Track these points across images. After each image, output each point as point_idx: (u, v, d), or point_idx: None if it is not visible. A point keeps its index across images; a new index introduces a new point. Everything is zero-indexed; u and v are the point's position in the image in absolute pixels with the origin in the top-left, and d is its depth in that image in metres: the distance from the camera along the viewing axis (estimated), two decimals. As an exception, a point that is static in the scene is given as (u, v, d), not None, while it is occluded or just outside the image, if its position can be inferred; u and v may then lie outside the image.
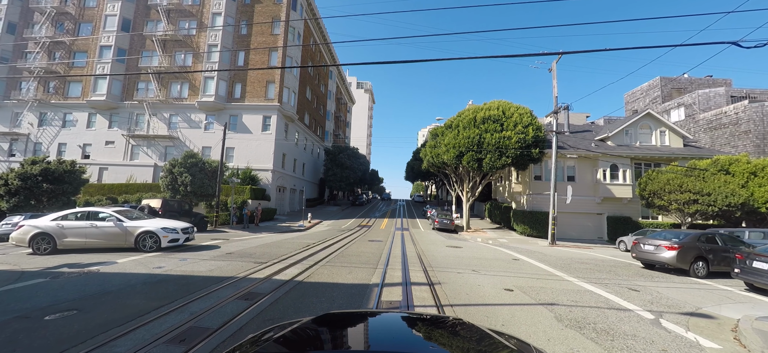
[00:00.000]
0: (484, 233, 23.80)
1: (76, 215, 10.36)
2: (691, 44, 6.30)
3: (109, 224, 10.30)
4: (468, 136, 21.40)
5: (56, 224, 9.98)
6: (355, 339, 1.64)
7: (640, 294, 7.17)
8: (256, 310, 4.89)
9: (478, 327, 1.74)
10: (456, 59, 6.75)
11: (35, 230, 9.74)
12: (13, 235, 10.02)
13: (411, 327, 1.82)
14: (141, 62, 31.93)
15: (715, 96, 29.01)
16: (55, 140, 32.15)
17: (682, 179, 19.40)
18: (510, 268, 9.53)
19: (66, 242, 9.96)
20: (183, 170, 20.42)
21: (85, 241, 10.10)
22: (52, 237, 9.82)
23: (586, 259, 12.54)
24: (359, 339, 1.63)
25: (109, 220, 10.35)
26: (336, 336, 1.65)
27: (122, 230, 10.32)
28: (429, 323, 1.96)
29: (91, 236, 10.17)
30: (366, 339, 1.57)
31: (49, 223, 9.95)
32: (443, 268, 8.99)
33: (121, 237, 10.32)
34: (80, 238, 10.07)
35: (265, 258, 9.31)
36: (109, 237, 10.28)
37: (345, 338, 1.64)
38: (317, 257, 9.82)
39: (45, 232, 9.78)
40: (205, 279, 6.68)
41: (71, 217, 10.26)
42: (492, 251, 13.47)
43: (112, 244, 10.33)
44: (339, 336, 1.67)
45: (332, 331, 1.69)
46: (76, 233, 10.07)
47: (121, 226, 10.34)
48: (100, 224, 10.24)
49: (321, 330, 1.67)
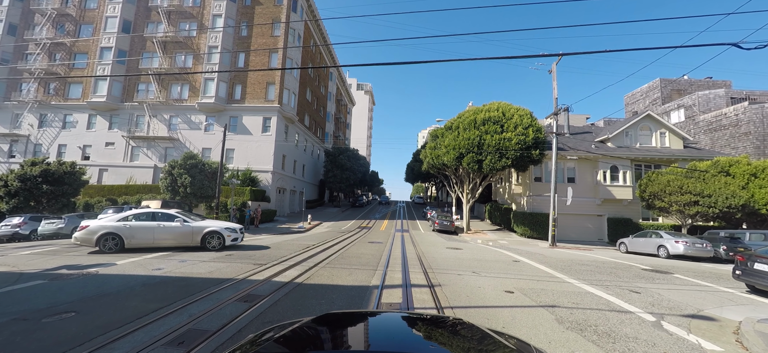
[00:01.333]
0: (484, 235, 23.76)
1: (140, 216, 10.63)
2: (691, 46, 6.29)
3: (177, 224, 10.73)
4: (468, 137, 21.39)
5: (124, 224, 10.26)
6: (355, 338, 1.64)
7: (641, 296, 7.14)
8: (255, 312, 4.86)
9: (477, 326, 1.74)
10: (456, 60, 6.75)
11: (104, 230, 10.00)
12: (78, 235, 10.12)
13: (411, 326, 1.82)
14: (141, 64, 31.97)
15: (715, 98, 29.03)
16: (55, 142, 32.15)
17: (683, 180, 19.38)
18: (510, 270, 9.50)
19: (134, 242, 10.26)
20: (183, 172, 20.40)
21: (153, 240, 10.45)
22: (120, 237, 10.10)
23: (587, 261, 12.50)
24: (359, 339, 1.63)
25: (176, 220, 10.78)
26: (336, 336, 1.64)
27: (189, 230, 10.79)
28: (429, 323, 1.96)
29: (159, 236, 10.55)
30: (366, 339, 1.57)
31: (117, 223, 10.23)
32: (443, 270, 8.96)
33: (188, 236, 10.79)
34: (148, 238, 10.42)
35: (265, 260, 9.28)
36: (176, 237, 10.70)
37: (345, 338, 1.64)
38: (317, 259, 9.79)
39: (113, 232, 10.05)
40: (205, 281, 6.65)
41: (132, 218, 10.52)
42: (492, 253, 13.43)
43: (179, 243, 10.74)
44: (339, 335, 1.66)
45: (332, 331, 1.69)
46: (145, 233, 10.42)
47: (187, 226, 10.80)
48: (169, 224, 10.63)
49: (321, 330, 1.67)
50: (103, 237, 10.01)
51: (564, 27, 7.03)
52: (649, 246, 16.75)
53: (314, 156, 42.99)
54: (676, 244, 15.41)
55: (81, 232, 10.10)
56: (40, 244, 13.13)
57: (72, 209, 24.54)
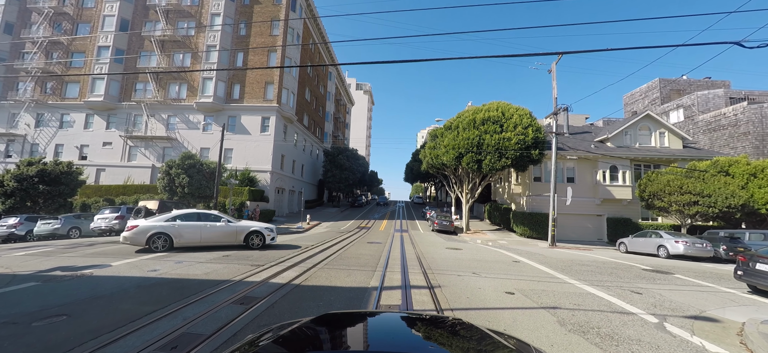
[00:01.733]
0: (483, 235, 23.69)
1: (186, 216, 11.00)
2: (692, 44, 6.22)
3: (222, 224, 11.29)
4: (467, 137, 21.32)
5: (172, 224, 10.60)
6: (355, 339, 1.63)
7: (643, 297, 7.07)
8: (251, 315, 4.76)
9: (477, 327, 1.74)
10: (455, 59, 6.66)
11: (154, 230, 10.30)
12: (127, 235, 10.24)
13: (410, 327, 1.81)
14: (139, 63, 31.80)
15: (714, 98, 29.04)
16: (52, 141, 31.94)
17: (683, 180, 19.35)
18: (510, 270, 9.42)
19: (182, 241, 10.63)
20: (180, 172, 20.26)
21: (200, 240, 10.92)
22: (169, 237, 10.44)
23: (587, 261, 12.44)
24: (358, 339, 1.63)
25: (222, 221, 11.35)
26: (335, 336, 1.64)
27: (233, 230, 11.38)
28: (428, 323, 1.95)
29: (206, 235, 11.05)
30: (365, 339, 1.57)
31: (166, 223, 10.56)
32: (443, 271, 8.87)
33: (232, 235, 11.38)
34: (196, 237, 10.86)
35: (262, 261, 9.18)
36: (221, 236, 11.25)
37: (344, 338, 1.64)
38: (316, 260, 9.69)
39: (163, 232, 10.37)
40: (200, 283, 6.55)
41: (178, 218, 10.88)
42: (492, 253, 13.35)
43: (223, 242, 11.30)
44: (338, 336, 1.66)
45: (331, 331, 1.68)
46: (192, 233, 10.86)
47: (231, 226, 11.38)
48: (215, 224, 11.19)
49: (320, 330, 1.67)
50: (153, 237, 10.31)
51: (563, 25, 6.87)
52: (648, 246, 16.70)
53: (313, 156, 42.86)
54: (676, 244, 15.37)
55: (130, 232, 10.26)
56: (35, 245, 12.99)
57: (69, 210, 24.36)
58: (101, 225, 16.96)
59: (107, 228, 16.98)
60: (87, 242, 12.97)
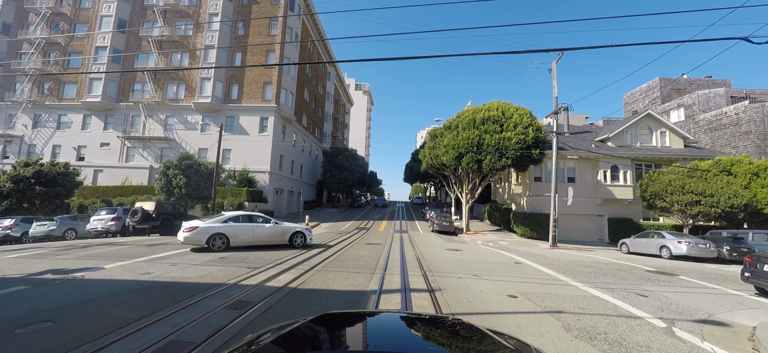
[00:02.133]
0: (484, 236, 23.51)
1: (238, 218, 11.80)
2: (698, 40, 6.05)
3: (271, 225, 12.24)
4: (467, 137, 21.14)
5: (229, 226, 11.34)
6: (354, 339, 1.63)
7: (649, 300, 6.89)
8: (244, 321, 4.57)
9: (477, 327, 1.73)
10: (455, 56, 6.48)
11: (213, 231, 10.99)
12: (187, 236, 10.71)
13: (410, 327, 1.81)
14: (137, 63, 31.61)
15: (715, 97, 28.89)
16: (49, 142, 31.73)
17: (684, 180, 19.18)
18: (512, 272, 9.24)
19: (237, 241, 11.36)
20: (178, 172, 20.07)
21: (252, 239, 11.72)
22: (227, 237, 11.15)
23: (589, 262, 12.26)
24: (357, 339, 1.62)
25: (270, 222, 12.31)
26: (334, 336, 1.63)
27: (280, 230, 12.32)
28: (428, 323, 1.95)
29: (257, 235, 11.88)
30: (364, 339, 1.57)
31: (223, 224, 11.28)
32: (443, 273, 8.69)
33: (279, 235, 12.29)
34: (249, 237, 11.65)
35: (259, 263, 8.99)
36: (270, 236, 12.12)
37: (343, 338, 1.63)
38: (313, 262, 9.51)
39: (222, 232, 11.07)
40: (194, 286, 6.36)
41: (231, 220, 11.57)
42: (493, 255, 13.17)
43: (272, 241, 12.16)
44: (337, 336, 1.65)
45: (330, 331, 1.67)
46: (245, 233, 11.64)
47: (278, 227, 12.33)
48: (266, 225, 12.12)
49: (319, 330, 1.66)
50: (213, 237, 10.96)
51: (564, 21, 6.76)
52: (651, 247, 16.52)
53: (312, 156, 42.68)
54: (679, 244, 15.19)
55: (190, 233, 10.73)
56: (28, 247, 12.79)
57: (66, 211, 24.16)
58: (97, 227, 16.76)
59: (103, 230, 16.78)
60: (81, 244, 12.77)
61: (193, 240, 10.73)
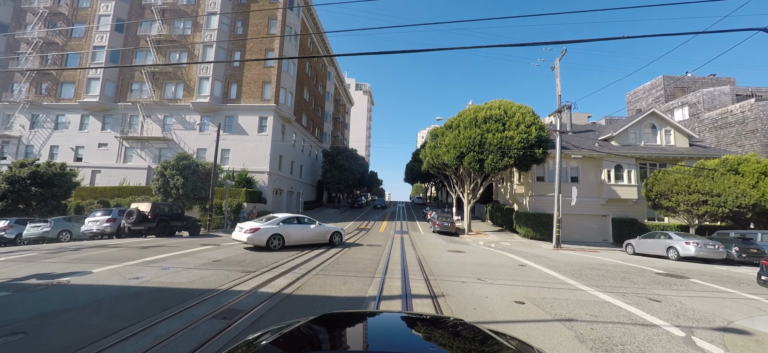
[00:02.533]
0: (486, 236, 23.15)
1: (289, 220, 12.97)
2: (713, 32, 5.69)
3: (315, 226, 13.41)
4: (469, 136, 20.80)
5: (283, 227, 12.45)
6: (354, 339, 1.62)
7: (663, 306, 6.53)
8: (232, 332, 4.24)
9: (478, 327, 1.71)
10: (455, 49, 6.15)
11: (272, 232, 12.01)
12: (251, 237, 11.59)
13: (410, 327, 1.80)
14: (135, 63, 31.33)
15: (720, 95, 28.48)
16: (47, 143, 31.48)
17: (691, 179, 18.80)
18: (517, 276, 8.89)
19: (290, 240, 12.49)
20: (175, 173, 19.76)
21: (301, 239, 12.84)
22: (282, 237, 12.21)
23: (596, 264, 11.90)
24: (358, 340, 1.61)
25: (314, 224, 13.52)
26: (334, 337, 1.61)
27: (323, 231, 13.52)
28: (429, 323, 1.94)
29: (306, 235, 13.04)
30: (365, 340, 1.56)
31: (279, 226, 12.33)
32: (446, 277, 8.34)
33: (322, 235, 13.48)
34: (299, 237, 12.78)
35: (254, 266, 8.66)
36: (315, 236, 13.29)
37: (343, 338, 1.62)
38: (311, 265, 9.17)
39: (278, 233, 12.13)
40: (183, 292, 6.03)
41: (282, 223, 12.66)
42: (496, 257, 12.82)
43: (316, 241, 13.31)
44: (337, 336, 1.63)
45: (330, 331, 1.66)
46: (296, 234, 12.78)
47: (321, 228, 13.56)
48: (311, 226, 13.33)
49: (319, 330, 1.65)
50: (272, 237, 11.94)
51: (568, 13, 6.39)
52: (657, 248, 16.15)
53: (312, 157, 42.36)
54: (686, 245, 14.82)
55: (253, 233, 11.66)
56: (19, 250, 12.48)
57: (63, 212, 23.90)
58: (92, 228, 16.45)
59: (99, 232, 16.47)
60: (74, 247, 12.46)
61: (255, 240, 11.62)
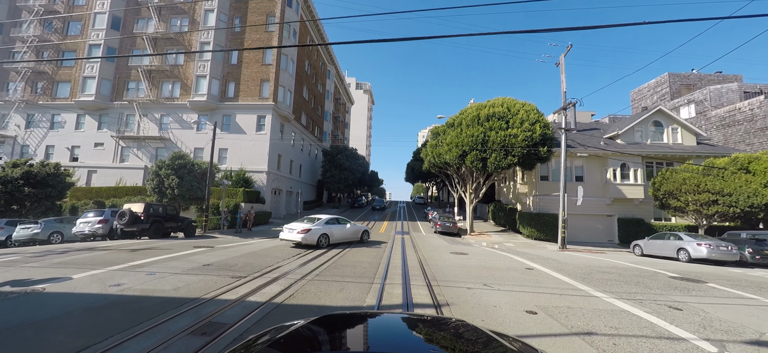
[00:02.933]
0: (489, 237, 22.63)
1: (331, 221, 14.31)
2: (740, 17, 5.16)
3: (349, 225, 15.13)
4: (471, 134, 20.28)
5: (329, 227, 13.88)
6: (354, 340, 1.60)
7: (686, 315, 6.01)
8: (209, 351, 3.73)
9: (480, 329, 1.71)
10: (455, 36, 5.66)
11: (321, 232, 13.30)
12: (304, 236, 12.80)
13: (412, 328, 1.77)
14: (131, 61, 30.89)
15: (728, 92, 27.87)
16: (42, 142, 31.07)
17: (700, 178, 18.25)
18: (526, 280, 8.38)
19: (334, 239, 13.93)
20: (170, 172, 19.30)
21: (341, 237, 14.45)
22: (328, 236, 13.61)
23: (605, 267, 11.37)
24: (358, 341, 1.59)
25: (350, 223, 15.26)
26: (334, 338, 1.59)
27: (357, 230, 15.39)
28: (430, 324, 1.91)
29: (346, 234, 14.73)
30: (365, 341, 1.54)
31: (325, 227, 13.69)
32: (450, 282, 7.83)
33: (355, 234, 15.31)
34: (340, 235, 14.35)
35: (245, 271, 8.16)
36: (350, 234, 15.01)
37: (344, 340, 1.60)
38: (306, 269, 8.67)
39: (325, 232, 13.49)
40: (164, 302, 5.53)
41: (325, 223, 13.96)
42: (501, 259, 12.31)
43: (352, 239, 15.13)
44: (337, 337, 1.61)
45: (331, 332, 1.64)
46: (338, 233, 14.28)
47: (355, 227, 15.40)
48: (348, 226, 15.01)
49: (319, 332, 1.63)
50: (321, 237, 13.22)
51: (573, 9, 5.76)
52: (667, 249, 15.62)
53: (312, 156, 41.88)
54: (698, 247, 14.29)
55: (306, 234, 12.86)
56: (3, 252, 12.01)
57: (58, 213, 23.47)
58: (84, 230, 15.98)
59: (90, 233, 16.00)
60: (61, 249, 11.99)
61: (308, 239, 12.80)
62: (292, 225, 13.33)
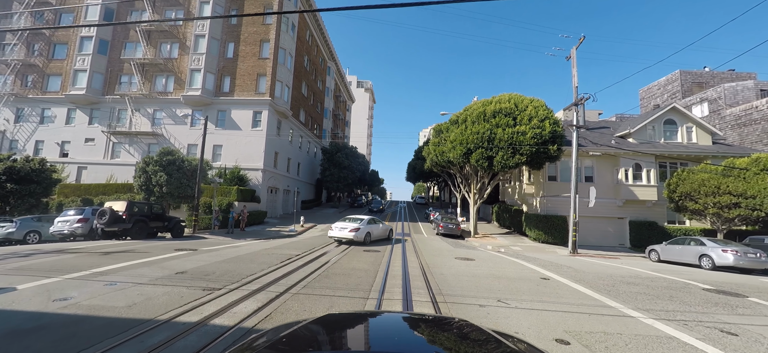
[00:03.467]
0: (494, 240, 21.55)
1: (370, 221, 15.96)
2: None
3: (382, 225, 17.05)
4: (477, 131, 19.20)
5: (370, 227, 15.77)
6: (356, 340, 1.58)
7: (745, 342, 4.95)
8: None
9: (485, 329, 1.66)
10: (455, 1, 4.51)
11: (365, 231, 15.23)
12: (354, 235, 14.76)
13: (415, 328, 1.76)
14: (124, 54, 29.93)
15: (743, 90, 26.71)
16: (32, 137, 30.12)
17: (720, 179, 17.14)
18: (545, 294, 7.30)
19: (373, 237, 15.77)
20: (158, 169, 18.28)
21: (378, 236, 16.26)
22: (370, 233, 15.46)
23: (627, 276, 10.29)
24: (360, 341, 1.58)
25: (381, 223, 17.20)
26: (335, 338, 1.57)
27: (385, 228, 17.35)
28: (433, 324, 1.89)
29: (379, 232, 16.60)
30: (367, 341, 1.53)
31: (368, 226, 15.64)
32: (458, 297, 6.76)
33: (385, 232, 17.23)
34: (378, 234, 16.29)
35: (223, 281, 7.11)
36: (382, 233, 16.90)
37: (345, 339, 1.57)
38: (293, 279, 7.62)
39: (369, 231, 15.46)
40: (108, 325, 4.48)
41: (369, 222, 16.01)
42: (511, 266, 11.23)
43: (383, 236, 17.03)
44: (339, 337, 1.59)
45: (332, 332, 1.62)
46: (376, 231, 16.17)
47: (384, 226, 17.36)
48: (380, 225, 16.70)
49: (320, 332, 1.60)
50: (367, 234, 15.26)
51: None
52: (687, 255, 14.52)
53: (310, 154, 40.84)
54: (723, 254, 13.18)
55: (356, 232, 14.86)
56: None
57: (44, 210, 22.55)
58: (63, 229, 14.97)
59: (70, 233, 14.99)
60: (29, 251, 10.97)
61: (357, 237, 14.71)
62: (343, 224, 15.34)
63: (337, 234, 14.94)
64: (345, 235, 14.69)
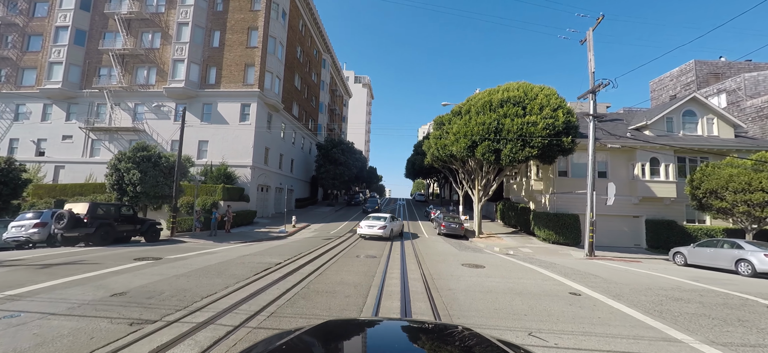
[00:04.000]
0: (500, 240, 19.97)
1: (392, 219, 17.77)
2: None
3: (397, 222, 18.67)
4: (483, 122, 17.56)
5: (392, 223, 17.44)
6: (354, 350, 1.50)
7: None
8: None
9: (490, 340, 1.52)
10: None
11: (391, 227, 17.08)
12: (382, 233, 16.38)
13: (415, 338, 1.68)
14: (103, 45, 28.08)
15: (765, 80, 25.13)
16: (6, 136, 28.31)
17: (751, 174, 15.58)
18: (583, 319, 5.67)
19: (394, 233, 17.41)
20: (131, 166, 16.58)
21: (396, 231, 17.83)
22: (392, 230, 17.16)
23: (669, 288, 8.70)
24: (358, 350, 1.51)
25: (397, 220, 19.03)
26: (332, 348, 1.47)
27: (401, 224, 19.12)
28: (434, 332, 1.84)
29: (397, 229, 18.26)
30: (364, 350, 1.47)
31: (391, 223, 17.41)
32: (474, 326, 5.09)
33: (401, 228, 19.15)
34: (396, 230, 18.06)
35: (166, 307, 5.45)
36: (399, 228, 18.63)
37: (341, 349, 1.46)
38: (263, 300, 5.97)
39: (392, 228, 17.06)
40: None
41: (389, 220, 17.29)
42: (529, 275, 9.63)
43: (399, 232, 18.85)
44: (336, 347, 1.47)
45: (329, 342, 1.51)
46: (396, 228, 17.94)
47: (400, 223, 19.13)
48: (397, 222, 18.21)
49: (314, 343, 1.51)
50: (390, 231, 16.91)
51: None
52: (721, 259, 12.98)
53: (305, 150, 39.13)
54: (765, 258, 11.63)
55: (383, 230, 16.46)
56: None
57: (15, 213, 20.80)
58: (18, 235, 13.26)
59: (26, 239, 13.28)
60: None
61: (386, 234, 16.34)
62: (370, 223, 16.79)
63: (366, 232, 16.55)
64: (374, 232, 16.36)
